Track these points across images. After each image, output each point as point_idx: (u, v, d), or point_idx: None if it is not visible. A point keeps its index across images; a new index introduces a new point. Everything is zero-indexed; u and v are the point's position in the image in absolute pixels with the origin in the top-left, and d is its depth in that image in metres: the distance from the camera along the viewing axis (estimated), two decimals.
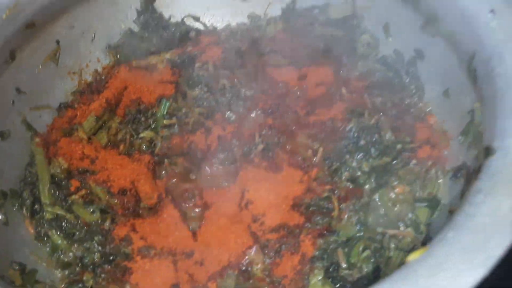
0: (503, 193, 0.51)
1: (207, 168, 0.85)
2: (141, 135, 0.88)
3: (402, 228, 0.72)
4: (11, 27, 0.82)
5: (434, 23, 0.80)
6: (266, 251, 0.75)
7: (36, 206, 0.82)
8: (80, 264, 0.77)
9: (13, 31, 0.83)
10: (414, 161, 0.78)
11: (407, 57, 0.89)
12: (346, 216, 0.75)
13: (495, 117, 0.60)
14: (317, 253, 0.73)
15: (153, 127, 0.89)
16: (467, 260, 0.47)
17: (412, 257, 0.51)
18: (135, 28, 1.03)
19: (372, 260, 0.70)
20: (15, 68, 0.86)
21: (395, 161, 0.78)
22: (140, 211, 0.82)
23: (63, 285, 0.77)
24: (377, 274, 0.68)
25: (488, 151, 0.58)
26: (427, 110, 0.85)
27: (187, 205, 0.82)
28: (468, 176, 0.68)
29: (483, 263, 0.46)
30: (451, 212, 0.64)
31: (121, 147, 0.88)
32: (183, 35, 1.03)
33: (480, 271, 0.46)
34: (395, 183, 0.75)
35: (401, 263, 0.65)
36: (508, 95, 0.60)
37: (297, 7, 1.01)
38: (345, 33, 0.95)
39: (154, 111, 0.90)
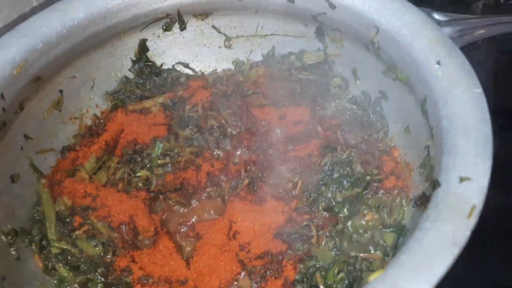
0: (445, 220, 0.60)
1: (198, 202, 0.93)
2: (138, 174, 0.94)
3: (372, 252, 0.80)
4: (21, 82, 0.89)
5: (394, 69, 0.88)
6: (253, 277, 0.81)
7: (43, 242, 0.87)
8: None
9: (22, 85, 0.90)
10: (382, 191, 0.85)
11: (373, 98, 0.98)
12: (323, 242, 0.82)
13: (442, 154, 0.68)
14: (298, 276, 0.79)
15: (148, 166, 0.95)
16: (415, 279, 0.55)
17: (372, 277, 0.60)
18: (131, 76, 1.10)
19: (346, 281, 0.76)
20: (24, 117, 0.92)
21: (365, 191, 0.86)
22: (139, 244, 0.88)
23: None
24: None
25: (435, 183, 0.66)
26: (392, 144, 0.93)
27: (180, 237, 0.89)
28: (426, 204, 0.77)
29: (427, 280, 0.55)
30: None
31: (120, 185, 0.94)
32: (174, 81, 1.10)
33: None
34: (366, 211, 0.83)
35: None
36: (451, 134, 0.68)
37: (276, 53, 1.09)
38: (319, 77, 1.04)
39: (149, 151, 0.96)
